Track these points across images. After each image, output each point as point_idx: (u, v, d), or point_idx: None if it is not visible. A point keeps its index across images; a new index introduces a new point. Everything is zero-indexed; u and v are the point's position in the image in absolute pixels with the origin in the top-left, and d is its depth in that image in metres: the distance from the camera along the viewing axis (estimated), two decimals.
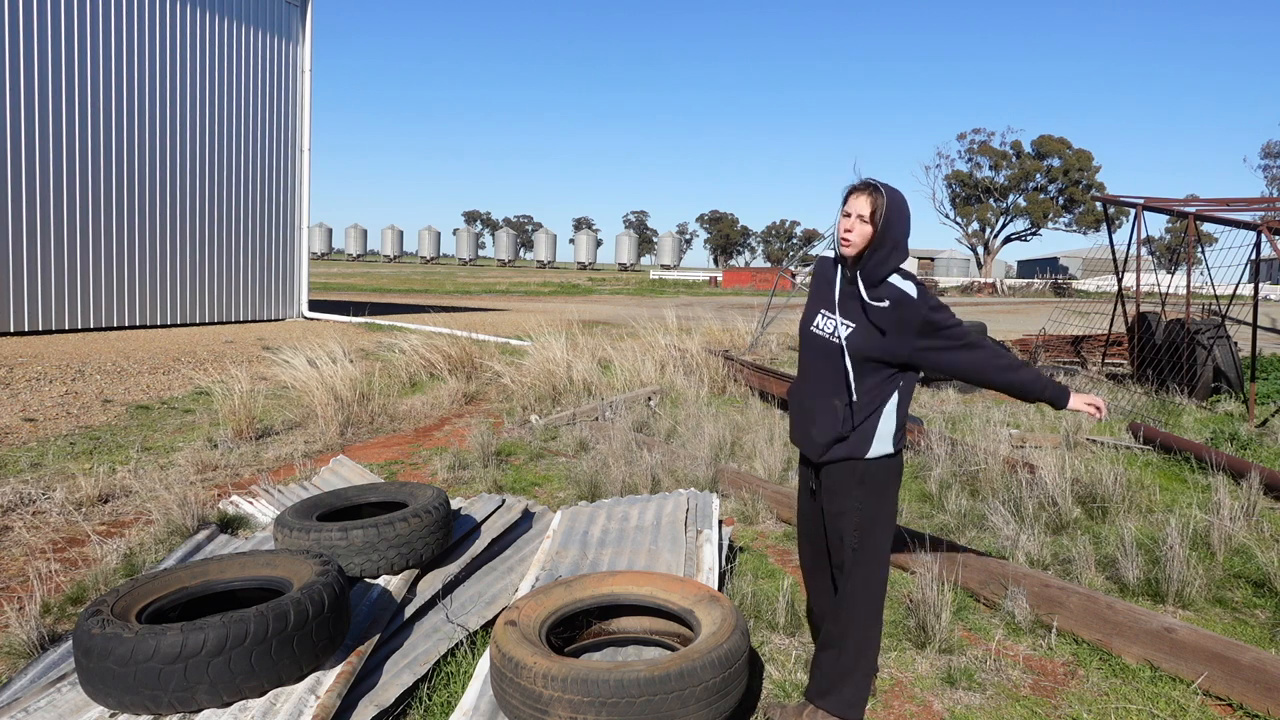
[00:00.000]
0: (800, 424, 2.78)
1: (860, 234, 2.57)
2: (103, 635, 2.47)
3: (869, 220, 2.55)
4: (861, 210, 2.55)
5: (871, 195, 2.55)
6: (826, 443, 2.67)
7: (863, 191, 2.57)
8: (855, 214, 2.56)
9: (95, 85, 13.36)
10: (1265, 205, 11.39)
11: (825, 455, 2.69)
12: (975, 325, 10.62)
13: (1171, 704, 3.05)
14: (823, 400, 2.68)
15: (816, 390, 2.70)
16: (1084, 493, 5.27)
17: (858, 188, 2.59)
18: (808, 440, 2.74)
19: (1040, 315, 23.32)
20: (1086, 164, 65.73)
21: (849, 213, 2.57)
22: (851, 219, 2.57)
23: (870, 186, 2.56)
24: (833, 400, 2.66)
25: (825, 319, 2.69)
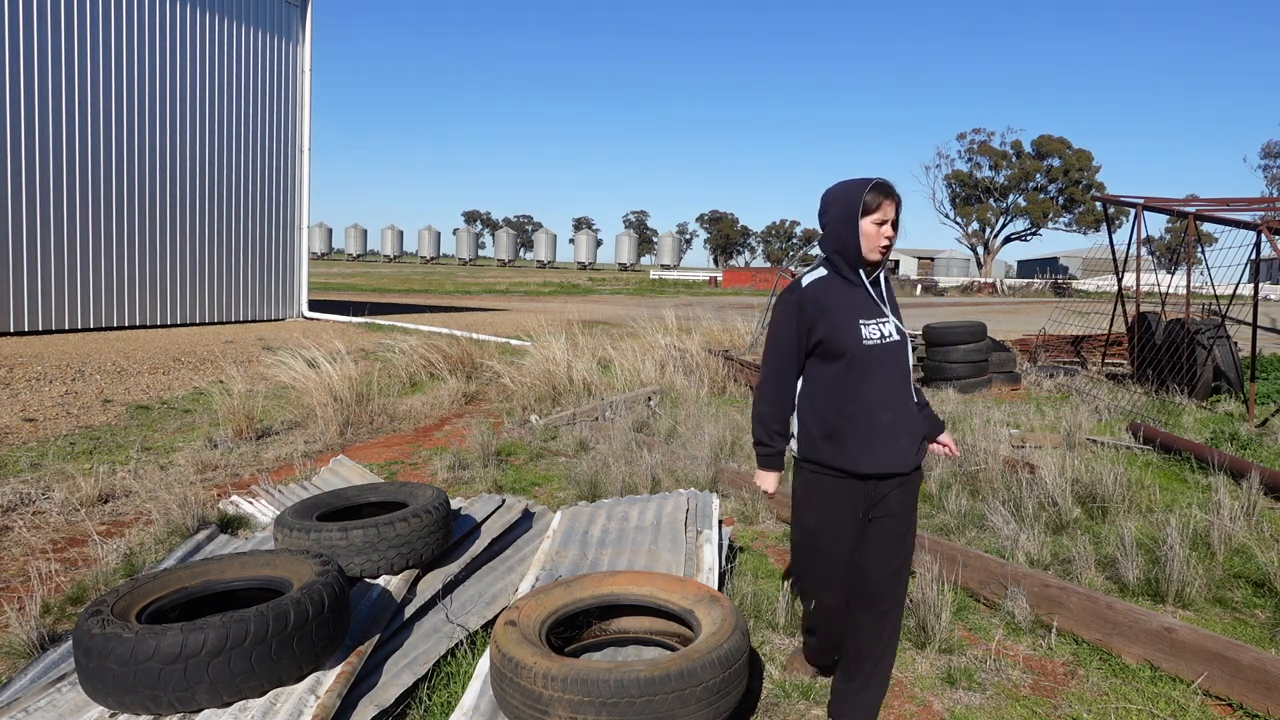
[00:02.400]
0: (878, 441, 2.60)
1: (893, 237, 2.60)
2: (103, 635, 2.46)
3: (894, 223, 2.59)
4: (892, 217, 2.57)
5: (897, 201, 2.59)
6: (916, 449, 2.67)
7: (893, 197, 2.57)
8: (890, 220, 2.56)
9: (95, 85, 13.36)
10: (1265, 205, 11.39)
11: (914, 461, 2.67)
12: (975, 325, 10.63)
13: (1171, 704, 3.05)
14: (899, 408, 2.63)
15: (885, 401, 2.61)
16: (1084, 493, 5.27)
17: (889, 192, 2.57)
18: (896, 454, 2.62)
19: (1040, 315, 23.32)
20: (1086, 164, 65.72)
21: (883, 219, 2.55)
22: (887, 226, 2.56)
23: (892, 189, 2.58)
24: (908, 403, 2.66)
25: (872, 326, 2.61)
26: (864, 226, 2.56)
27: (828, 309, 2.60)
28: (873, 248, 2.57)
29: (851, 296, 2.61)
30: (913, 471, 2.68)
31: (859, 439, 2.59)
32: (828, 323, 2.59)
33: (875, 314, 2.61)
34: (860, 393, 2.59)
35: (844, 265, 2.62)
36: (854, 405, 2.60)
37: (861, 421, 2.59)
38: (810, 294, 2.63)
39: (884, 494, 2.65)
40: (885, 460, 2.61)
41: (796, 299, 2.63)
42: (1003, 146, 68.90)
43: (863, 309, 2.60)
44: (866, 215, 2.55)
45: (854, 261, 2.60)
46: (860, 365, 2.58)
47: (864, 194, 2.55)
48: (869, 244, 2.57)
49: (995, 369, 10.81)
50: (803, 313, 2.63)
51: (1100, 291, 17.94)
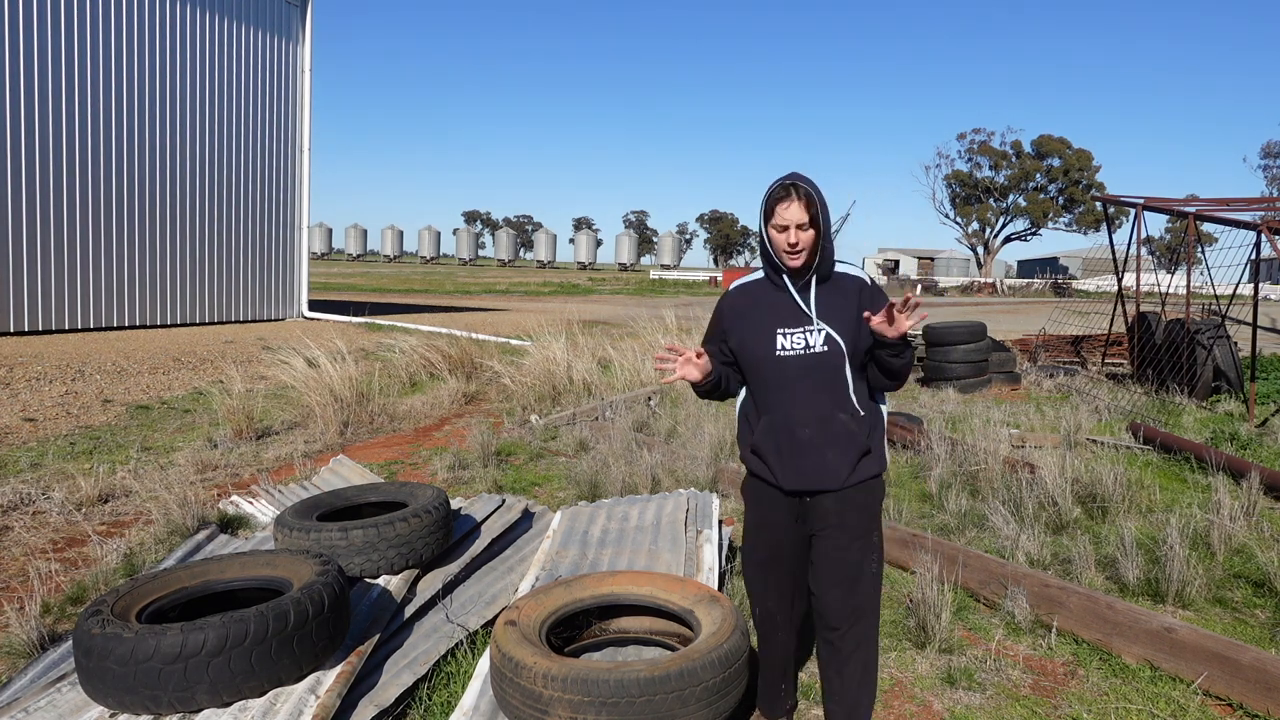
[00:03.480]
0: (799, 457, 2.45)
1: (806, 241, 2.38)
2: (103, 635, 2.46)
3: (810, 224, 2.37)
4: (799, 219, 2.35)
5: (805, 200, 2.36)
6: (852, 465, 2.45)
7: (796, 197, 2.36)
8: (794, 224, 2.36)
9: (95, 85, 13.36)
10: (1265, 205, 11.40)
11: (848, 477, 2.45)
12: (975, 325, 10.62)
13: (1171, 704, 3.04)
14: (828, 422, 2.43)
15: (807, 416, 2.43)
16: (1084, 492, 5.27)
17: (791, 193, 2.37)
18: (820, 470, 2.44)
19: (1040, 315, 23.32)
20: (1086, 164, 65.73)
21: (783, 224, 2.36)
22: (791, 232, 2.36)
23: (796, 188, 2.37)
24: (839, 417, 2.44)
25: (794, 336, 2.43)
26: (769, 233, 2.41)
27: (744, 315, 2.51)
28: (782, 254, 2.40)
29: (775, 304, 2.47)
30: (848, 488, 2.46)
31: (777, 454, 2.47)
32: (739, 331, 2.51)
33: (800, 322, 2.42)
34: (776, 406, 2.46)
35: (771, 271, 2.49)
36: (770, 418, 2.48)
37: (780, 436, 2.46)
38: (731, 300, 2.57)
39: (820, 510, 2.49)
40: (809, 477, 2.45)
41: (720, 303, 2.59)
42: (1003, 146, 68.92)
43: (785, 317, 2.44)
44: (769, 221, 2.39)
45: (776, 267, 2.46)
46: (774, 377, 2.45)
47: (765, 196, 2.40)
48: (777, 250, 2.41)
49: (995, 369, 10.80)
50: (720, 317, 2.58)
51: (1100, 291, 17.95)
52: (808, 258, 2.40)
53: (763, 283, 2.52)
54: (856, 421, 2.46)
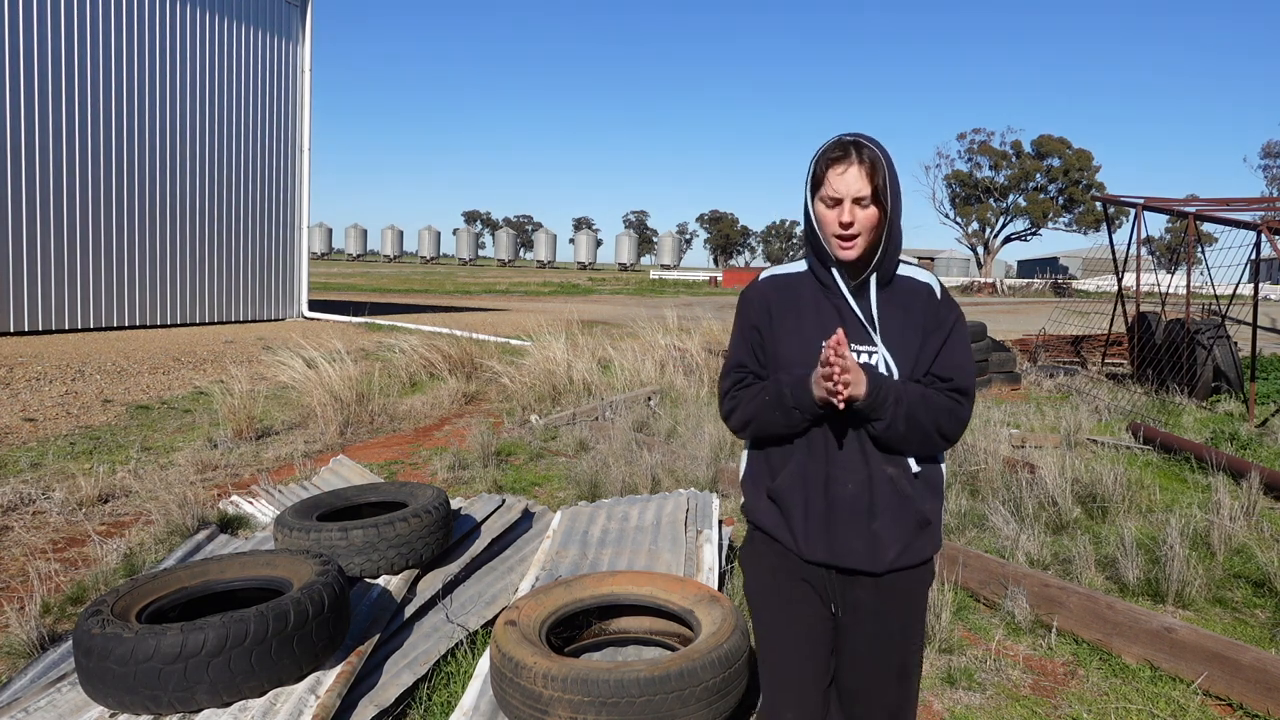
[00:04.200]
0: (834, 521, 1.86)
1: (866, 222, 1.77)
2: (103, 635, 2.46)
3: (873, 200, 1.76)
4: (858, 190, 1.75)
5: (869, 165, 1.75)
6: (904, 543, 1.87)
7: (857, 159, 1.75)
8: (850, 197, 1.75)
9: (95, 85, 13.36)
10: (1265, 205, 11.40)
11: (895, 559, 1.86)
12: (975, 325, 10.63)
13: (1171, 704, 3.05)
14: (879, 479, 1.85)
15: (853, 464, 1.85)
16: (1084, 492, 5.27)
17: (841, 156, 1.76)
18: (861, 545, 1.85)
19: (1040, 315, 23.32)
20: (1086, 164, 65.73)
21: (836, 197, 1.76)
22: (845, 205, 1.76)
23: (858, 147, 1.77)
24: (893, 474, 1.86)
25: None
26: (816, 209, 1.82)
27: (779, 317, 1.90)
28: (831, 240, 1.81)
29: (819, 308, 1.87)
30: (894, 572, 1.87)
31: (806, 511, 1.88)
32: (774, 338, 1.90)
33: (856, 339, 1.83)
34: (812, 448, 1.87)
35: (817, 263, 1.89)
36: (802, 463, 1.88)
37: (812, 487, 1.87)
38: (760, 292, 1.95)
39: (851, 598, 1.91)
40: (843, 550, 1.85)
41: (746, 295, 1.98)
42: (1002, 146, 68.91)
43: (833, 327, 1.81)
44: (817, 191, 1.80)
45: (824, 259, 1.86)
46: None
47: (815, 158, 1.81)
48: (825, 233, 1.81)
49: (995, 369, 10.81)
50: (750, 312, 1.96)
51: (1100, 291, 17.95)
52: (867, 247, 1.79)
53: (804, 278, 1.92)
54: (911, 482, 1.88)
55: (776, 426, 1.87)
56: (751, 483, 2.00)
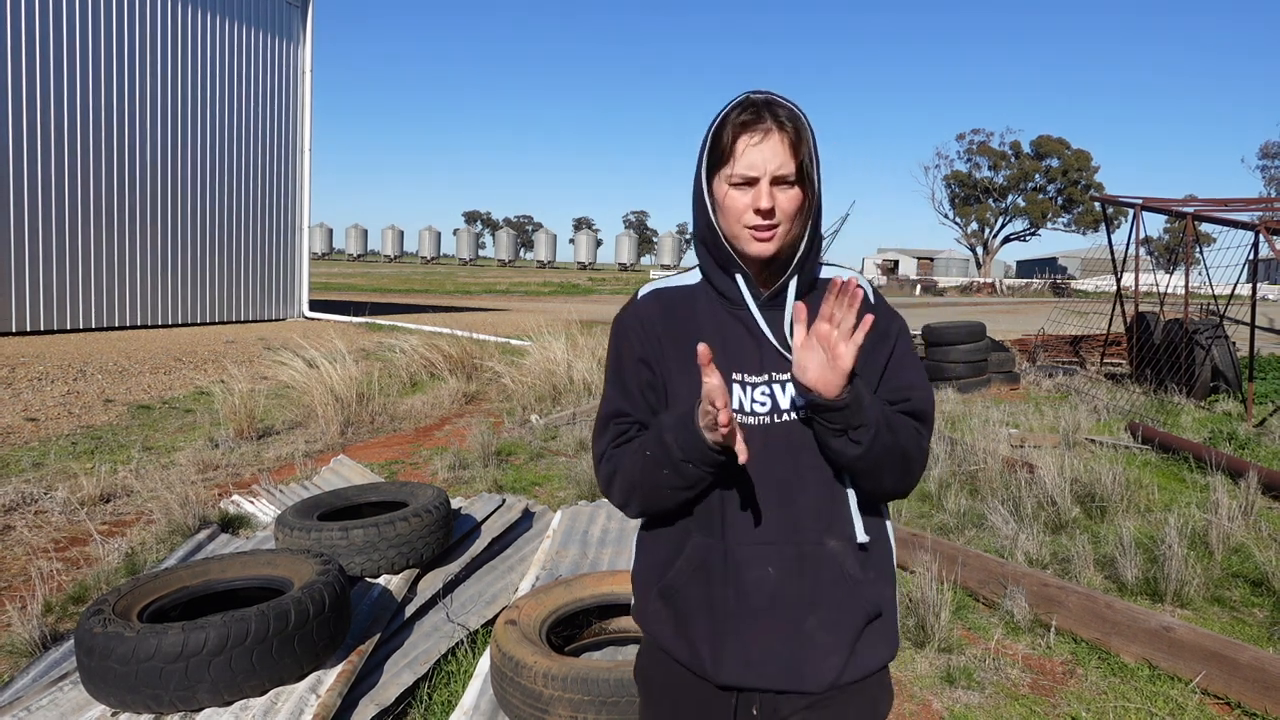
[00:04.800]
0: (753, 625, 1.36)
1: (788, 207, 1.33)
2: (104, 634, 2.47)
3: (797, 179, 1.32)
4: (779, 165, 1.30)
5: (792, 133, 1.31)
6: (850, 647, 1.37)
7: (767, 125, 1.31)
8: (767, 173, 1.31)
9: (96, 85, 13.36)
10: (1263, 206, 11.41)
11: (841, 672, 1.36)
12: (974, 325, 10.64)
13: (1170, 703, 3.06)
14: (810, 560, 1.35)
15: (775, 541, 1.35)
16: (1083, 492, 5.28)
17: (753, 121, 1.31)
18: (790, 654, 1.35)
19: (1039, 315, 23.33)
20: (1085, 164, 65.76)
21: (750, 174, 1.31)
22: (762, 187, 1.31)
23: (773, 110, 1.32)
24: (834, 549, 1.37)
25: (758, 388, 1.37)
26: (718, 192, 1.35)
27: (670, 349, 1.42)
28: (739, 235, 1.35)
29: (723, 329, 1.40)
30: (841, 689, 1.36)
31: (709, 614, 1.38)
32: (668, 376, 1.42)
33: (769, 365, 1.37)
34: (718, 517, 1.37)
35: (712, 267, 1.42)
36: (704, 542, 1.37)
37: (717, 577, 1.36)
38: (644, 314, 1.45)
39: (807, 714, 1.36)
40: (765, 664, 1.35)
41: (621, 321, 1.49)
42: (1001, 147, 68.94)
43: (741, 354, 1.38)
44: (719, 168, 1.34)
45: (722, 259, 1.40)
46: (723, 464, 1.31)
47: (714, 126, 1.35)
48: (731, 225, 1.35)
49: (994, 369, 10.82)
50: (632, 341, 1.45)
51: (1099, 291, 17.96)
52: (787, 241, 1.35)
53: (699, 291, 1.45)
54: (858, 558, 1.38)
55: (669, 491, 1.33)
56: (641, 578, 1.48)
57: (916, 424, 1.39)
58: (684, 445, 1.29)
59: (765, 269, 1.40)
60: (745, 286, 1.40)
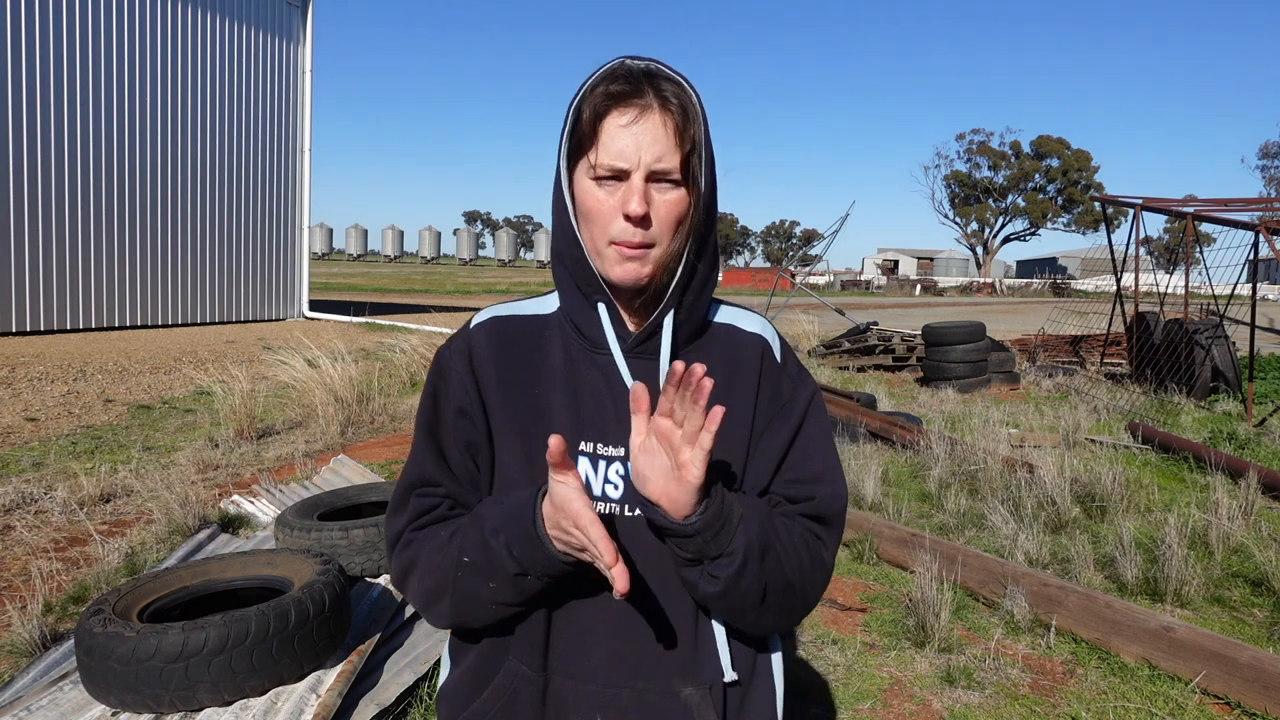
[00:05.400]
0: None
1: (669, 216, 1.02)
2: (104, 634, 2.48)
3: (682, 177, 1.01)
4: (660, 156, 1.00)
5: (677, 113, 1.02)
6: None
7: (651, 102, 1.01)
8: (642, 166, 0.99)
9: (97, 85, 13.37)
10: (1263, 206, 11.41)
11: None
12: (974, 325, 10.64)
13: (1170, 702, 3.06)
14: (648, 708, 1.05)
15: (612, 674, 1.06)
16: (1083, 492, 5.28)
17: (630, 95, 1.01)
18: None
19: (1039, 315, 23.34)
20: (1085, 164, 65.80)
21: (619, 165, 0.99)
22: (633, 184, 1.00)
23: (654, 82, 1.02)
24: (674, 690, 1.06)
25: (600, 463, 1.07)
26: (579, 189, 1.04)
27: (503, 399, 1.10)
28: (600, 253, 1.04)
29: (577, 378, 1.09)
30: None
31: None
32: (498, 434, 1.10)
33: (626, 435, 1.02)
34: (546, 642, 1.07)
35: (571, 291, 1.10)
36: (519, 670, 1.07)
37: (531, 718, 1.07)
38: (472, 351, 1.12)
39: None
40: None
41: (443, 357, 1.14)
42: (1001, 147, 69.03)
43: (596, 415, 1.08)
44: (580, 155, 1.03)
45: (583, 282, 1.08)
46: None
47: (578, 99, 1.03)
48: (594, 235, 1.04)
49: (994, 369, 10.82)
50: (451, 385, 1.11)
51: (1099, 291, 17.97)
52: (664, 264, 1.04)
53: (552, 324, 1.13)
54: (720, 708, 1.06)
55: (493, 607, 1.02)
56: (446, 699, 1.14)
57: (816, 531, 1.06)
58: (523, 555, 0.97)
59: (637, 300, 1.06)
60: (609, 323, 1.05)
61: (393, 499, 1.12)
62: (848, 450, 6.54)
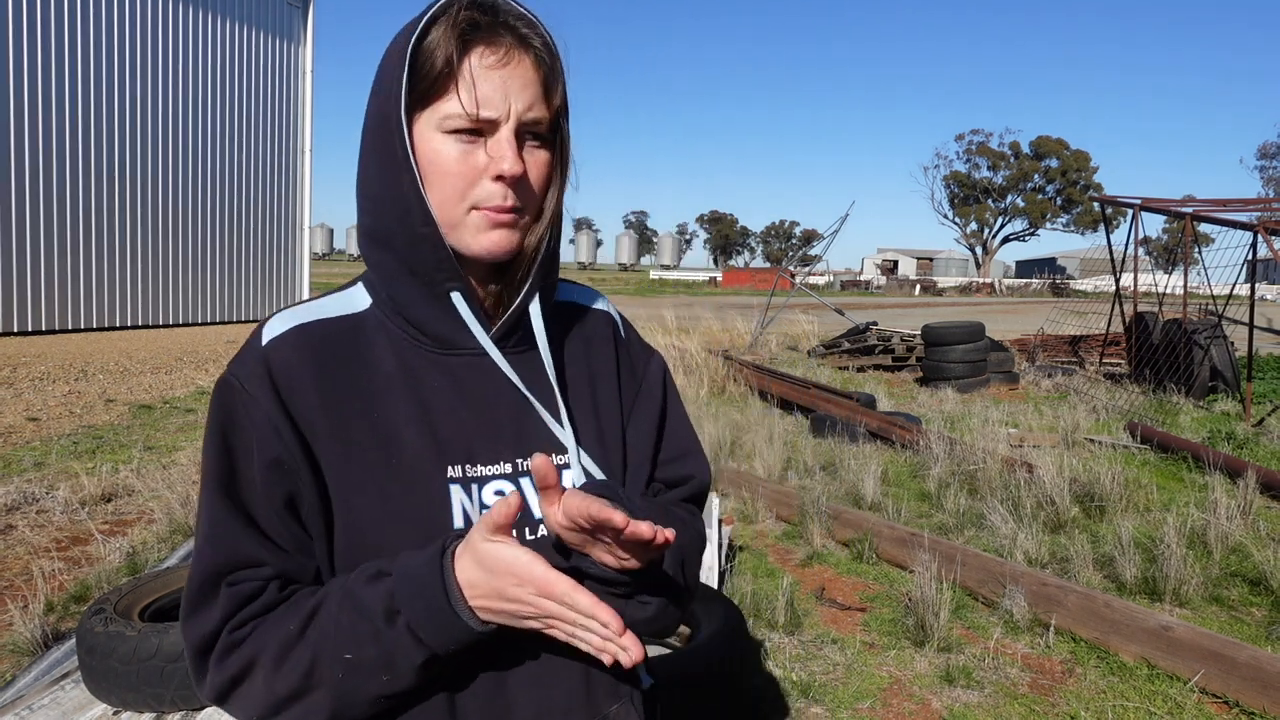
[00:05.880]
0: None
1: (540, 176, 0.88)
2: (106, 633, 2.48)
3: (551, 132, 0.88)
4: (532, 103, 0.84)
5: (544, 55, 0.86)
6: None
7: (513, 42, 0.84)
8: (513, 115, 0.83)
9: (98, 85, 13.37)
10: (1261, 206, 11.43)
11: None
12: (973, 325, 10.65)
13: (1168, 702, 3.07)
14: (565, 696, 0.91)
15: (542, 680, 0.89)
16: (1082, 492, 5.29)
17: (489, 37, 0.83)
18: None
19: (1038, 315, 23.34)
20: (1084, 164, 65.86)
21: (490, 116, 0.82)
22: (505, 136, 0.83)
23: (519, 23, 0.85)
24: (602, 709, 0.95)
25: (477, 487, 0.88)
26: (424, 146, 0.84)
27: (331, 428, 0.85)
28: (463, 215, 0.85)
29: (421, 389, 0.89)
30: None
31: None
32: (336, 479, 0.85)
33: (517, 442, 0.90)
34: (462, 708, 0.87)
35: (403, 280, 0.88)
36: None
37: None
38: (277, 376, 0.85)
39: None
40: None
41: (229, 386, 0.85)
42: (1001, 147, 69.09)
43: (458, 430, 0.88)
44: (425, 106, 0.84)
45: (425, 265, 0.86)
46: None
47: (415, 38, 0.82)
48: (447, 202, 0.85)
49: (993, 369, 10.83)
50: (254, 427, 0.83)
51: (1098, 292, 17.98)
52: (537, 234, 0.90)
53: (368, 323, 0.91)
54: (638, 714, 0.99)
55: (383, 701, 0.82)
56: None
57: (694, 510, 1.01)
58: (434, 637, 0.77)
59: (491, 281, 0.90)
60: (471, 315, 0.86)
61: (190, 593, 0.82)
62: (848, 450, 6.55)
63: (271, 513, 0.83)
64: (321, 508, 0.84)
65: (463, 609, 0.77)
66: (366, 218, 0.90)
